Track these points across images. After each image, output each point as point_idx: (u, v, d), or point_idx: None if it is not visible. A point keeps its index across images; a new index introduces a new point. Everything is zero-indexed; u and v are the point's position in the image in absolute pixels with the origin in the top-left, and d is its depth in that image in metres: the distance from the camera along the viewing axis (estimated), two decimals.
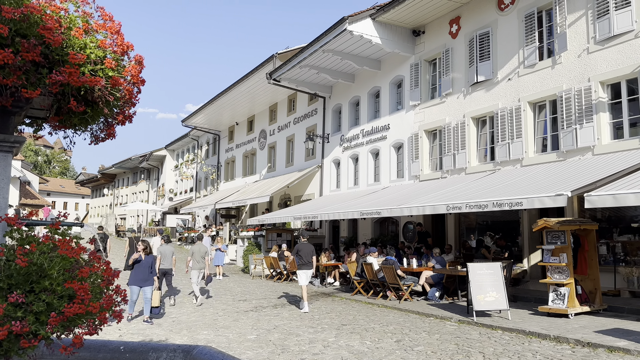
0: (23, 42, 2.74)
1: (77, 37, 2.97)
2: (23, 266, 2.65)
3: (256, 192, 22.62)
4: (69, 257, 2.85)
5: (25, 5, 2.82)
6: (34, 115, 3.58)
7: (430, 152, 16.01)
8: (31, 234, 3.01)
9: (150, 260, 9.84)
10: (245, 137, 29.61)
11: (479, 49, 14.08)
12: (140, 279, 9.62)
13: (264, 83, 22.35)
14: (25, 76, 2.81)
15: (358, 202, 15.10)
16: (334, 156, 20.67)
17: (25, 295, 2.63)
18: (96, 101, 3.07)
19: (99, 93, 3.01)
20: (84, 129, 3.51)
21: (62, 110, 3.17)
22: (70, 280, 2.73)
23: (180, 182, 40.31)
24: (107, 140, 3.66)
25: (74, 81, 2.87)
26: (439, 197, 11.52)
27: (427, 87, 16.27)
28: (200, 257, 12.31)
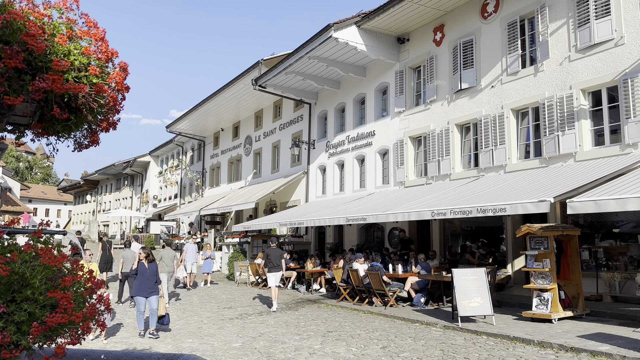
0: (6, 49, 2.71)
1: (60, 43, 2.96)
2: (4, 275, 2.61)
3: (242, 199, 22.53)
4: (52, 266, 2.82)
5: (8, 12, 2.80)
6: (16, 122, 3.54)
7: (415, 158, 16.12)
8: (13, 243, 2.97)
9: (154, 268, 9.26)
10: (230, 143, 29.51)
11: (462, 56, 14.26)
12: (144, 288, 9.01)
13: (249, 89, 22.34)
14: (8, 83, 2.78)
15: (344, 208, 15.13)
16: (320, 162, 20.71)
17: (6, 304, 2.59)
18: (80, 108, 3.05)
19: (82, 100, 3.00)
20: (67, 136, 3.48)
21: (45, 117, 3.15)
22: (52, 289, 2.70)
23: (164, 189, 39.97)
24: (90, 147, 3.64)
25: (58, 88, 2.85)
26: (424, 203, 11.60)
27: (411, 94, 16.41)
28: (169, 260, 12.98)
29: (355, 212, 13.31)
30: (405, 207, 11.72)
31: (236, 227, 19.55)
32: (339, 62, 17.76)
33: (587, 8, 11.37)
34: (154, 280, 9.16)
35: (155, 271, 9.20)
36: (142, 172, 44.72)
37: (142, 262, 9.20)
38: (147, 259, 9.21)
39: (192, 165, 35.11)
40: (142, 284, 9.04)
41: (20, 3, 2.98)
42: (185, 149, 36.87)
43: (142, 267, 9.15)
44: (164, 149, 40.13)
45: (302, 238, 21.67)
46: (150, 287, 9.07)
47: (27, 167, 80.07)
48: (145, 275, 9.09)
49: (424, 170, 15.60)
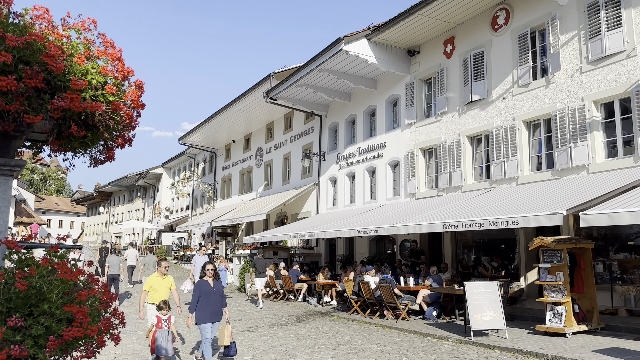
0: (26, 69, 2.81)
1: (78, 63, 3.05)
2: (22, 290, 2.68)
3: (252, 210, 22.62)
4: (68, 280, 2.88)
5: (29, 33, 2.89)
6: (34, 139, 3.64)
7: (426, 170, 16.10)
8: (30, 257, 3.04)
9: (220, 288, 7.43)
10: (241, 155, 29.69)
11: (473, 68, 14.28)
12: (211, 312, 7.15)
13: (260, 102, 22.53)
14: (28, 102, 2.87)
15: (355, 220, 15.12)
16: (331, 174, 20.75)
17: (24, 318, 2.65)
18: (96, 125, 3.14)
19: (99, 118, 3.08)
20: (83, 152, 3.57)
21: (63, 134, 3.24)
22: (69, 304, 2.76)
23: (176, 200, 40.26)
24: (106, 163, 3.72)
25: (75, 107, 2.94)
26: (435, 216, 11.56)
27: (422, 106, 16.44)
28: (152, 265, 15.50)
29: (366, 224, 13.29)
30: (417, 219, 11.69)
31: (247, 239, 19.61)
32: (350, 74, 17.87)
33: (598, 20, 11.36)
34: (221, 303, 7.32)
35: (222, 291, 7.44)
36: (155, 183, 45.13)
37: (206, 281, 7.29)
38: (215, 275, 7.43)
39: (204, 177, 35.36)
40: (207, 307, 7.11)
41: (41, 24, 3.08)
42: (197, 160, 37.17)
43: (206, 287, 7.22)
44: (176, 161, 40.50)
45: (313, 250, 21.65)
46: (217, 311, 7.23)
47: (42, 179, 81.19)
48: (212, 297, 7.19)
49: (435, 182, 15.56)
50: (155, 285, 8.01)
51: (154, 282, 8.04)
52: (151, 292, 8.00)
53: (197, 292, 7.16)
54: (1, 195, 3.17)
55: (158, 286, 8.01)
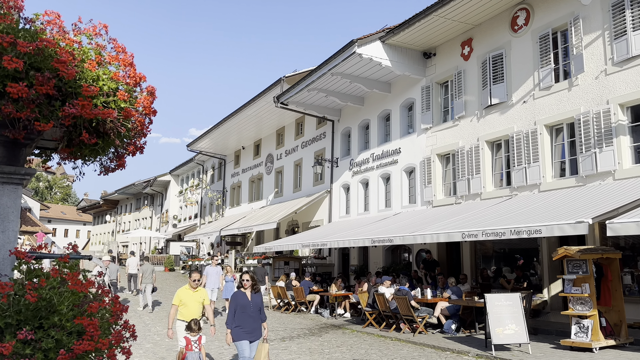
0: (37, 76, 2.84)
1: (90, 69, 3.09)
2: (32, 301, 2.70)
3: (263, 219, 22.66)
4: (78, 292, 2.90)
5: (40, 39, 2.94)
6: (43, 146, 3.69)
7: (443, 176, 16.02)
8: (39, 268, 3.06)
9: (259, 301, 6.79)
10: (251, 162, 29.83)
11: (492, 71, 14.22)
12: (248, 329, 6.58)
13: (271, 107, 22.63)
14: (39, 109, 2.91)
15: (369, 228, 15.08)
16: (343, 181, 20.74)
17: (34, 331, 2.67)
18: (108, 133, 3.16)
19: (110, 125, 3.11)
20: (93, 160, 3.60)
21: (73, 142, 3.27)
22: (79, 316, 2.77)
23: (184, 208, 40.50)
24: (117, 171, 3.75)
25: (87, 113, 2.97)
26: (453, 224, 11.49)
27: (439, 110, 16.39)
28: (149, 273, 16.34)
29: (381, 233, 13.25)
30: (434, 228, 11.63)
31: (257, 248, 19.64)
32: (363, 78, 17.90)
33: (624, 19, 11.25)
34: (260, 318, 6.74)
35: (261, 304, 6.80)
36: (162, 191, 45.45)
37: (243, 293, 6.74)
38: (254, 288, 6.79)
39: (213, 184, 35.55)
40: (244, 323, 6.56)
41: (52, 30, 3.13)
42: (206, 167, 37.40)
43: (242, 299, 6.65)
44: (184, 168, 40.78)
45: (325, 260, 21.61)
46: (256, 327, 6.66)
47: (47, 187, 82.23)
48: (248, 311, 6.62)
49: (453, 189, 15.48)
50: (185, 300, 7.39)
51: (184, 296, 7.43)
52: (181, 307, 7.40)
53: (233, 305, 6.64)
54: (11, 205, 3.21)
55: (188, 300, 7.40)
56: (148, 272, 16.73)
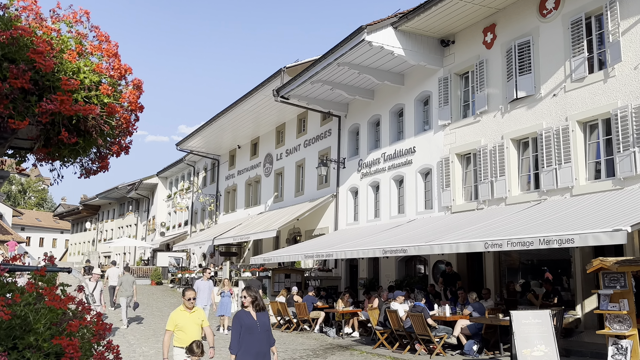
0: (11, 68, 2.85)
1: (70, 60, 3.10)
2: (5, 319, 2.70)
3: (261, 226, 22.70)
4: (57, 309, 2.91)
5: (15, 27, 2.94)
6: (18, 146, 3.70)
7: (463, 179, 16.01)
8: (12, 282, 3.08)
9: (266, 320, 6.53)
10: (248, 163, 29.89)
11: (518, 60, 14.21)
12: (255, 353, 6.29)
13: (270, 101, 22.69)
14: (13, 105, 2.91)
15: (380, 237, 15.07)
16: (351, 184, 20.74)
17: (7, 353, 2.68)
18: (89, 131, 3.17)
19: (92, 122, 3.12)
20: (73, 161, 3.61)
21: (51, 141, 3.28)
22: (58, 335, 2.78)
23: (173, 215, 40.58)
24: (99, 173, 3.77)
25: (66, 110, 2.98)
26: (475, 232, 11.47)
27: (458, 105, 16.38)
28: (128, 285, 16.67)
29: (394, 242, 13.24)
30: (453, 237, 11.61)
31: (254, 259, 19.66)
32: (373, 68, 17.92)
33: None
34: (268, 340, 6.48)
35: (268, 325, 6.56)
36: (149, 195, 45.56)
37: (247, 312, 6.48)
38: (255, 305, 6.51)
39: (205, 187, 35.63)
40: (250, 347, 6.30)
41: (27, 17, 3.15)
42: (197, 169, 37.50)
43: (247, 320, 6.41)
44: (173, 170, 40.90)
45: (331, 272, 21.61)
46: (264, 353, 6.38)
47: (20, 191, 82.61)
48: (255, 333, 6.36)
49: (474, 193, 15.46)
50: (182, 323, 7.12)
51: (180, 319, 7.16)
52: (177, 331, 7.12)
53: (237, 326, 6.35)
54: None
55: (185, 324, 7.13)
56: (127, 283, 16.84)
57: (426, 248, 11.79)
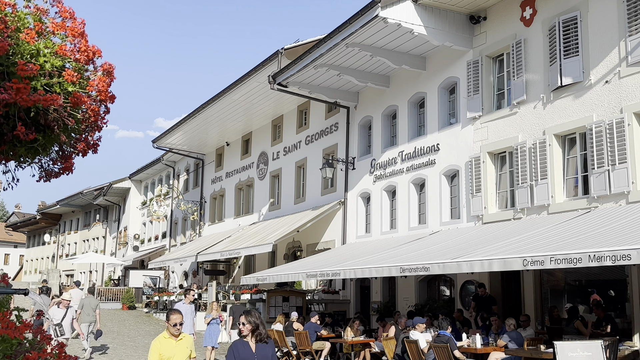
0: None
1: (27, 41, 3.11)
2: None
3: (254, 239, 22.69)
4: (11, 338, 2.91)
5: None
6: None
7: (497, 182, 15.98)
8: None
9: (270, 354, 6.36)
10: (238, 163, 29.91)
11: (563, 40, 14.19)
12: None
13: (265, 89, 22.70)
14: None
15: (396, 252, 15.06)
16: (362, 189, 20.73)
17: None
18: (51, 125, 3.19)
19: (54, 115, 3.14)
20: (31, 161, 3.63)
21: (5, 137, 3.30)
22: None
23: (149, 225, 40.65)
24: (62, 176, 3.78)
25: (23, 100, 2.99)
26: (511, 247, 11.44)
27: (490, 93, 16.36)
28: (90, 309, 16.74)
29: (413, 259, 13.22)
30: (485, 252, 11.58)
31: (246, 279, 19.65)
32: (389, 50, 17.92)
33: None
34: None
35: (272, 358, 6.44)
36: (120, 202, 45.64)
37: (245, 342, 6.32)
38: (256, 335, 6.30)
39: (187, 192, 35.67)
40: None
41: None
42: (178, 170, 37.55)
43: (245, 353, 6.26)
44: (148, 172, 40.95)
45: (338, 294, 21.58)
46: None
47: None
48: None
49: (510, 200, 15.42)
50: (168, 353, 7.05)
51: (165, 348, 7.07)
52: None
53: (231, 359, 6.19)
54: None
55: (171, 354, 7.06)
56: (89, 307, 16.86)
57: (453, 266, 11.75)
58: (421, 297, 18.54)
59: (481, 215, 15.96)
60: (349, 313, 20.69)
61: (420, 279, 18.47)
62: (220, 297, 24.62)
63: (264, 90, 22.99)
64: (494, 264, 10.92)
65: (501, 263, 10.79)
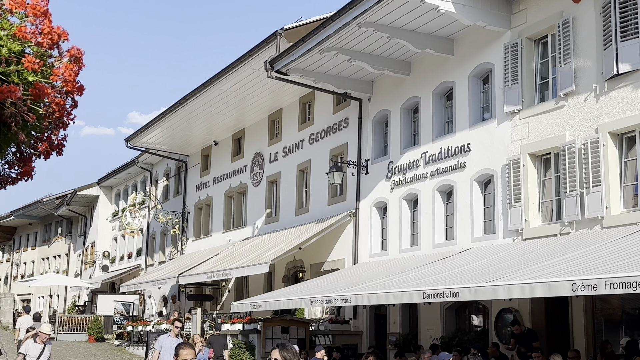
0: None
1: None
2: None
3: (247, 258, 22.66)
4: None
5: None
6: None
7: (540, 190, 15.93)
8: None
9: None
10: (228, 166, 29.90)
11: (619, 19, 14.17)
12: None
13: (261, 77, 22.70)
14: None
15: (419, 274, 15.03)
16: (377, 197, 20.71)
17: None
18: (7, 122, 3.19)
19: (12, 109, 3.14)
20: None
21: None
22: None
23: (121, 241, 40.62)
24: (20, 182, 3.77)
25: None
26: (557, 268, 11.41)
27: (532, 83, 16.33)
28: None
29: (439, 282, 13.20)
30: (526, 275, 11.55)
31: (238, 306, 19.62)
32: (410, 31, 17.89)
33: None
34: None
35: None
36: (86, 213, 45.61)
37: None
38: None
39: (167, 201, 35.65)
40: None
41: None
42: (156, 175, 37.56)
43: None
44: (120, 176, 40.94)
45: (348, 325, 21.53)
46: None
47: None
48: None
49: (557, 212, 15.38)
50: None
51: None
52: None
53: None
54: None
55: None
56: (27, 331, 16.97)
57: (487, 290, 11.72)
58: (448, 328, 18.47)
59: (521, 230, 15.91)
60: (362, 347, 20.62)
61: (448, 306, 18.40)
62: (206, 327, 24.59)
63: (260, 79, 23.01)
64: (537, 288, 10.88)
65: (545, 287, 10.76)
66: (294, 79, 20.97)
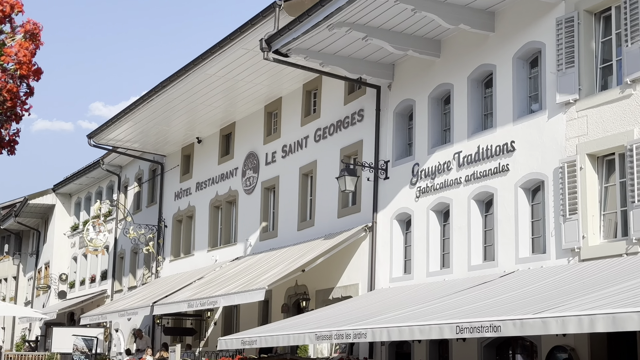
0: None
1: None
2: None
3: (237, 282, 22.70)
4: None
5: None
6: None
7: (601, 200, 15.92)
8: None
9: None
10: (215, 168, 29.97)
11: None
12: None
13: (256, 59, 22.75)
14: None
15: (451, 304, 15.04)
16: (400, 208, 20.74)
17: None
18: None
19: None
20: None
21: None
22: None
23: (82, 261, 40.69)
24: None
25: None
26: (622, 297, 11.40)
27: (591, 67, 16.33)
28: None
29: (476, 314, 13.20)
30: (584, 304, 11.55)
31: (226, 342, 19.64)
32: (440, 3, 17.91)
33: None
34: None
35: None
36: (39, 226, 45.71)
37: None
38: None
39: (139, 212, 35.72)
40: None
41: None
42: (125, 180, 37.65)
43: None
44: (81, 181, 41.03)
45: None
46: None
47: None
48: None
49: (622, 226, 15.36)
50: None
51: None
52: None
53: None
54: None
55: None
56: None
57: (536, 323, 11.72)
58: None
59: (578, 249, 15.90)
60: None
61: (487, 343, 18.42)
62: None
63: (254, 61, 23.07)
64: (598, 321, 10.87)
65: (609, 320, 10.74)
66: (296, 61, 21.01)
